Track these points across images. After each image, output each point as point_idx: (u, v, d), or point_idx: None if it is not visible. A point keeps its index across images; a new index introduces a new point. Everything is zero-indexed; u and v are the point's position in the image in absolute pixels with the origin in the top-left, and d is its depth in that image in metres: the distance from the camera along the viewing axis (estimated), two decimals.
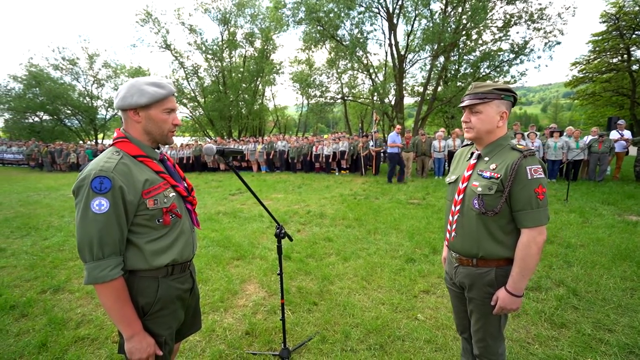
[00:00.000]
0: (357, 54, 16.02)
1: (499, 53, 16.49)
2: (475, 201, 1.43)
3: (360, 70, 18.34)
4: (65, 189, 9.95)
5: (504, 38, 16.29)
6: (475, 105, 1.43)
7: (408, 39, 16.64)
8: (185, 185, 1.44)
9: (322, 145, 12.60)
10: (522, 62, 15.99)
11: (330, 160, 12.35)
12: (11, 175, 14.86)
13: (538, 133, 10.29)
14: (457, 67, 18.53)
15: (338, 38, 15.67)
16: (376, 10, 15.63)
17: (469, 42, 17.08)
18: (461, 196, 1.50)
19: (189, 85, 23.00)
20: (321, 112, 21.74)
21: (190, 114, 24.36)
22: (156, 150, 1.34)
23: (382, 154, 11.81)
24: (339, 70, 18.63)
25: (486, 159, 1.47)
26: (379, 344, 2.38)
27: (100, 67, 24.99)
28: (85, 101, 24.92)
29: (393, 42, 16.03)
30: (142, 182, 1.20)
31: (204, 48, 21.67)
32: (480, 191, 1.42)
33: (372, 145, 11.41)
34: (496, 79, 16.85)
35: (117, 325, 1.19)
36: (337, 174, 12.27)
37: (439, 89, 17.91)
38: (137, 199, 1.18)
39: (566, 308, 2.79)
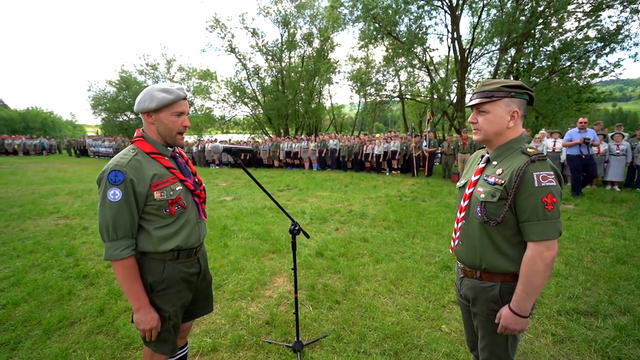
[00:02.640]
0: (415, 50, 15.38)
1: (584, 42, 14.40)
2: (478, 208, 1.32)
3: (418, 68, 17.58)
4: None
5: (592, 24, 14.18)
6: (482, 104, 1.31)
7: (474, 31, 15.45)
8: (195, 180, 1.58)
9: (372, 144, 12.40)
10: (612, 50, 13.73)
11: (380, 159, 12.10)
12: (102, 166, 17.36)
13: (626, 134, 8.78)
14: (530, 60, 16.68)
15: (395, 34, 15.20)
16: (437, 3, 14.80)
17: (546, 32, 15.23)
18: (466, 202, 1.40)
19: (250, 85, 24.37)
20: (375, 111, 21.39)
21: (251, 112, 25.82)
22: (169, 148, 1.49)
23: (440, 154, 11.25)
24: (395, 68, 18.09)
25: (494, 163, 1.35)
26: (394, 350, 2.31)
27: (176, 70, 27.91)
28: None
29: (455, 36, 15.05)
30: (151, 176, 1.36)
31: (264, 50, 22.76)
32: (483, 198, 1.31)
33: (426, 146, 10.90)
34: (581, 72, 14.78)
35: (127, 298, 1.38)
36: (387, 174, 11.99)
37: None
38: (146, 191, 1.35)
39: (628, 341, 2.38)
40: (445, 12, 15.16)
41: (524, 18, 13.60)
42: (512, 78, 18.13)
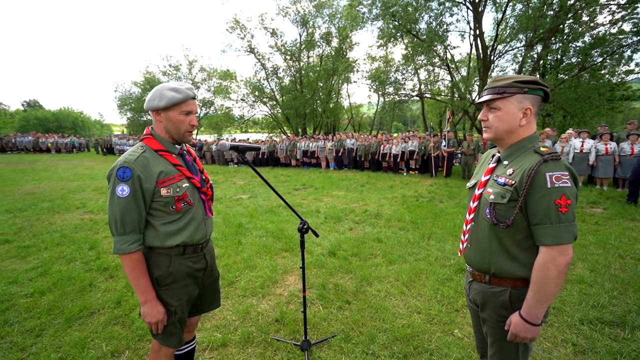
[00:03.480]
0: (435, 48, 15.04)
1: (619, 36, 13.58)
2: (487, 210, 1.27)
3: (438, 66, 17.20)
4: None
5: (627, 17, 13.36)
6: (493, 101, 1.25)
7: (498, 28, 14.93)
8: (202, 177, 1.61)
9: (390, 144, 12.24)
10: None
11: (398, 159, 11.92)
12: None
13: None
14: (558, 56, 15.93)
15: (414, 32, 14.92)
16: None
17: (576, 26, 14.48)
18: (476, 203, 1.35)
19: (269, 85, 24.64)
20: (394, 111, 21.06)
21: (270, 112, 26.10)
22: (177, 146, 1.52)
23: (459, 155, 10.96)
24: (415, 66, 17.77)
25: (505, 162, 1.29)
26: (403, 353, 2.26)
27: (197, 71, 28.59)
28: None
29: (478, 33, 14.60)
30: (158, 173, 1.40)
31: (283, 50, 22.95)
32: (492, 199, 1.25)
33: (445, 146, 10.64)
34: (615, 68, 13.98)
35: (135, 291, 1.42)
36: (404, 174, 11.80)
37: None
38: (153, 187, 1.38)
39: None
40: (468, 8, 14.74)
41: (551, 12, 13.02)
42: (538, 75, 17.42)
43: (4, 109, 49.79)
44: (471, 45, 16.13)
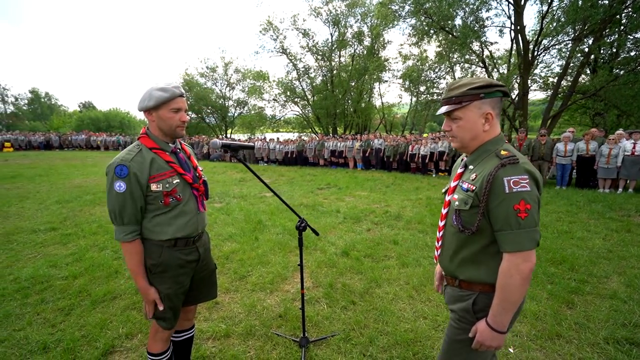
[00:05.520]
0: (471, 44, 14.36)
1: None
2: (454, 217, 1.25)
3: (475, 63, 16.42)
4: None
5: None
6: (453, 111, 1.22)
7: (542, 21, 13.95)
8: (196, 174, 1.69)
9: (419, 144, 11.91)
10: None
11: (427, 160, 11.57)
12: None
13: None
14: (614, 49, 14.54)
15: (448, 29, 14.36)
16: None
17: (635, 15, 13.07)
18: (446, 210, 1.33)
19: (300, 85, 24.94)
20: (428, 110, 20.42)
21: (301, 112, 26.44)
22: (170, 144, 1.61)
23: None
24: (450, 64, 17.11)
25: (470, 167, 1.26)
26: (402, 358, 2.22)
27: (232, 72, 29.64)
28: (220, 102, 30.00)
29: (519, 27, 13.74)
30: (150, 169, 1.50)
31: (314, 50, 23.13)
32: (457, 206, 1.23)
33: None
34: None
35: (132, 278, 1.56)
36: (433, 175, 11.42)
37: (582, 79, 14.46)
38: (145, 183, 1.49)
39: None
40: (508, 2, 13.93)
41: (606, 1, 11.91)
42: (588, 71, 16.05)
43: (64, 110, 54.94)
44: (512, 40, 15.22)
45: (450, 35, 14.66)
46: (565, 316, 2.69)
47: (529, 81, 14.94)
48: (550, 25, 13.94)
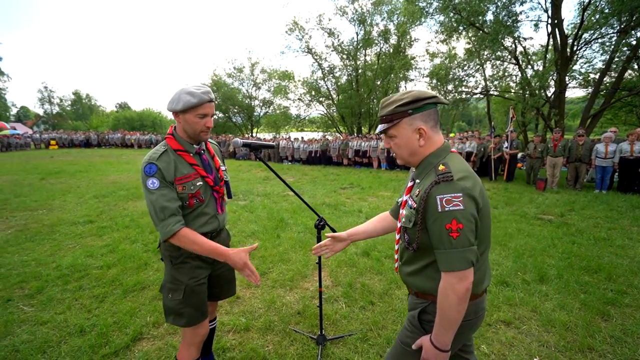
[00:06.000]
0: (503, 40, 13.75)
1: None
2: (402, 233, 1.24)
3: (507, 60, 15.70)
4: None
5: None
6: (388, 130, 1.21)
7: (583, 13, 13.10)
8: (217, 176, 1.72)
9: None
10: None
11: None
12: None
13: None
14: None
15: (478, 24, 13.83)
16: None
17: None
18: (400, 223, 1.29)
19: (325, 84, 24.96)
20: (457, 109, 19.76)
21: (325, 111, 26.46)
22: (194, 145, 1.64)
23: (525, 157, 9.96)
24: (480, 61, 16.47)
25: (417, 181, 1.22)
26: None
27: (258, 72, 30.17)
28: (246, 101, 30.66)
29: (556, 21, 12.98)
30: (175, 171, 1.54)
31: (340, 49, 23.05)
32: (403, 222, 1.21)
33: (507, 147, 9.72)
34: None
35: (212, 256, 1.53)
36: None
37: (628, 74, 13.42)
38: (172, 182, 1.53)
39: None
40: None
41: None
42: (636, 66, 14.89)
43: (102, 110, 58.40)
44: (548, 35, 14.40)
45: (481, 32, 14.11)
46: (599, 328, 2.53)
47: (567, 78, 14.08)
48: (593, 18, 13.05)
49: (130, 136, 27.91)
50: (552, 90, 14.18)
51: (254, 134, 30.39)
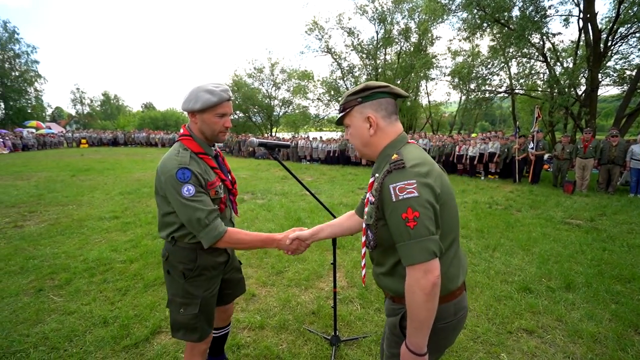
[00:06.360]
0: (530, 37, 13.21)
1: None
2: (367, 232, 1.17)
3: (533, 57, 15.08)
4: (240, 171, 12.85)
5: None
6: (343, 119, 1.21)
7: (619, 6, 12.38)
8: (230, 178, 1.68)
9: (467, 145, 11.26)
10: None
11: (475, 162, 10.91)
12: None
13: None
14: None
15: (503, 21, 13.35)
16: None
17: None
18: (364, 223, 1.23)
19: (344, 84, 24.87)
20: (480, 108, 19.16)
21: None
22: (212, 147, 1.59)
23: (552, 159, 9.54)
24: (505, 58, 15.90)
25: (377, 175, 1.15)
26: None
27: (278, 72, 30.46)
28: (266, 101, 31.03)
29: (589, 15, 12.33)
30: (204, 174, 1.48)
31: (359, 48, 22.91)
32: (365, 220, 1.15)
33: (532, 148, 9.34)
34: None
35: (265, 247, 1.57)
36: (482, 178, 10.74)
37: None
38: (205, 187, 1.46)
39: None
40: None
41: None
42: None
43: (129, 110, 60.77)
44: (580, 30, 13.72)
45: (506, 28, 13.62)
46: (632, 342, 2.38)
47: (600, 75, 13.35)
48: (630, 10, 12.31)
49: (154, 135, 28.86)
50: (583, 88, 13.49)
51: (273, 134, 30.69)
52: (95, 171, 11.84)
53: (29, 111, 38.14)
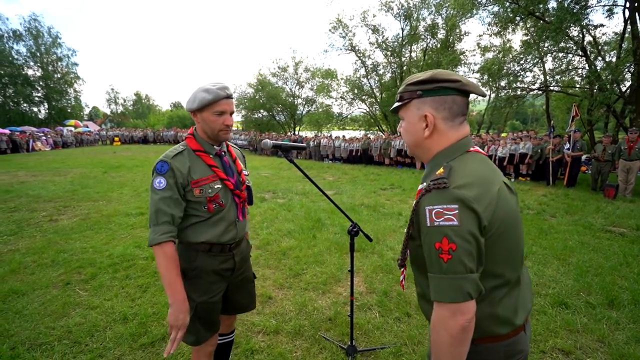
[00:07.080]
0: (569, 30, 12.38)
1: None
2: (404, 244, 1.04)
3: (572, 52, 14.15)
4: (262, 170, 12.96)
5: None
6: (398, 110, 1.02)
7: None
8: (239, 179, 1.62)
9: (496, 145, 10.75)
10: None
11: (504, 163, 10.38)
12: None
13: None
14: None
15: (538, 14, 12.60)
16: None
17: None
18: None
19: (368, 82, 24.54)
20: (512, 107, 18.27)
21: (368, 109, 26.05)
22: (215, 147, 1.56)
23: (592, 160, 8.90)
24: (537, 54, 15.03)
25: (424, 184, 0.98)
26: None
27: (302, 71, 30.54)
28: (289, 100, 31.23)
29: (636, 4, 11.39)
30: (191, 172, 1.45)
31: (384, 46, 22.49)
32: (405, 233, 1.01)
33: (568, 149, 8.74)
34: None
35: (164, 288, 1.40)
36: (512, 179, 10.20)
37: None
38: (186, 185, 1.44)
39: None
40: None
41: None
42: None
43: (159, 109, 63.28)
44: (625, 21, 12.71)
45: (541, 21, 12.84)
46: None
47: None
48: None
49: (182, 133, 29.77)
50: (628, 84, 12.49)
51: (296, 132, 30.84)
52: (125, 168, 12.35)
53: (69, 111, 40.61)
